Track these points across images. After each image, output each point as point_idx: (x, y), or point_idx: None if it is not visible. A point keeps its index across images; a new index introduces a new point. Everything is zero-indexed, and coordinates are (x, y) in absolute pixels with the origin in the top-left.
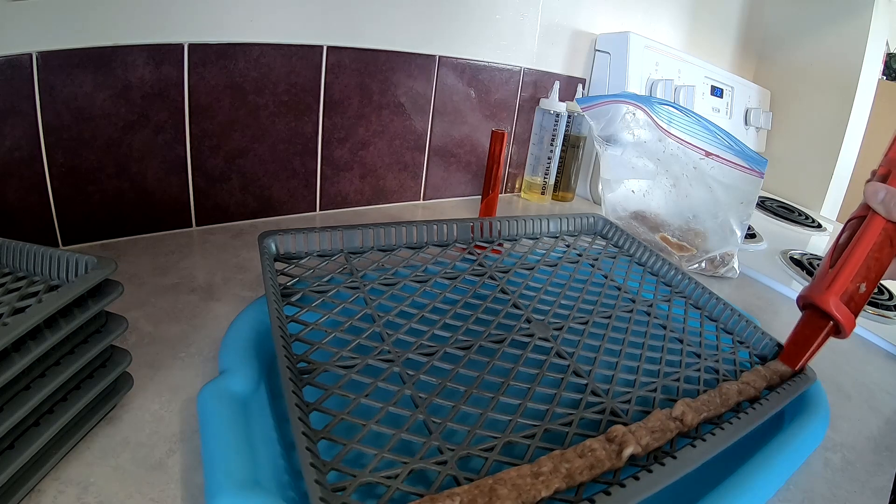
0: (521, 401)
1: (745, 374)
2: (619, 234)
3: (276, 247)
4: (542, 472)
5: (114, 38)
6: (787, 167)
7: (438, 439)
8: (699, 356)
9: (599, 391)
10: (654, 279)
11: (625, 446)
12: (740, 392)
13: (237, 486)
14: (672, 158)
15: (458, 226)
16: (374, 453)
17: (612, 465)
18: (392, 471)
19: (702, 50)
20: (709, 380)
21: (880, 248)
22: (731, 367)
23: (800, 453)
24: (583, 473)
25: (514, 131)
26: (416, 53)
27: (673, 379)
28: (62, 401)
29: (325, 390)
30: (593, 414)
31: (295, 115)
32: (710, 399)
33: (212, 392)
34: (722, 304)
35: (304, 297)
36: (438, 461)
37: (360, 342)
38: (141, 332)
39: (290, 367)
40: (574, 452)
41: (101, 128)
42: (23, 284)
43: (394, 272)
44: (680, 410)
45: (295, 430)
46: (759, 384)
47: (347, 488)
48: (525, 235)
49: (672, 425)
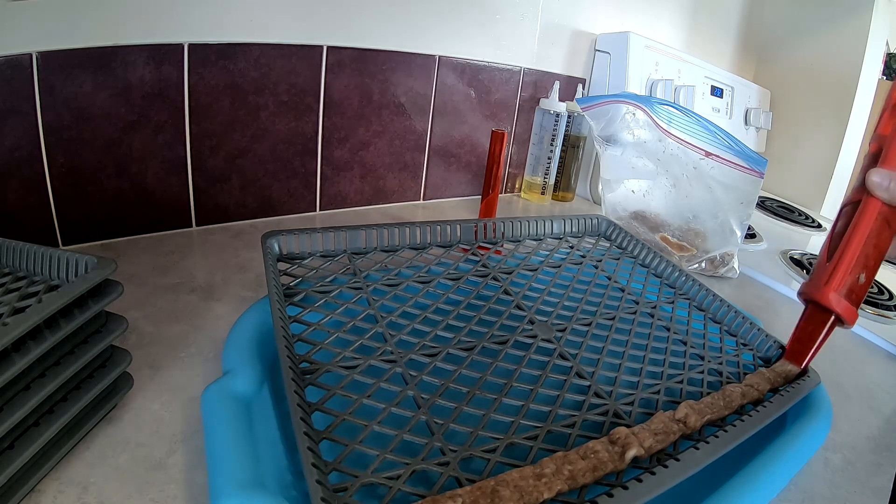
0: (524, 402)
1: (749, 377)
2: (623, 236)
3: (280, 247)
4: (544, 473)
5: (114, 38)
6: (787, 167)
7: (441, 440)
8: (703, 358)
9: (602, 393)
10: (657, 281)
11: (628, 448)
12: (744, 394)
13: (241, 487)
14: (672, 158)
15: (462, 227)
16: (377, 454)
17: (614, 467)
18: (394, 471)
19: (702, 50)
20: (712, 382)
21: (878, 234)
22: (735, 370)
23: (802, 454)
24: (585, 475)
25: (514, 131)
26: (416, 53)
27: (676, 381)
28: (62, 401)
29: (328, 391)
30: (596, 416)
31: (295, 115)
32: (714, 401)
33: (215, 393)
34: (726, 306)
35: (306, 298)
36: (440, 462)
37: (363, 343)
38: (141, 332)
39: (293, 367)
40: (577, 454)
41: (101, 128)
42: (23, 284)
43: (397, 273)
44: (683, 413)
45: (297, 430)
46: (762, 386)
47: (349, 489)
48: (528, 237)
49: (675, 427)
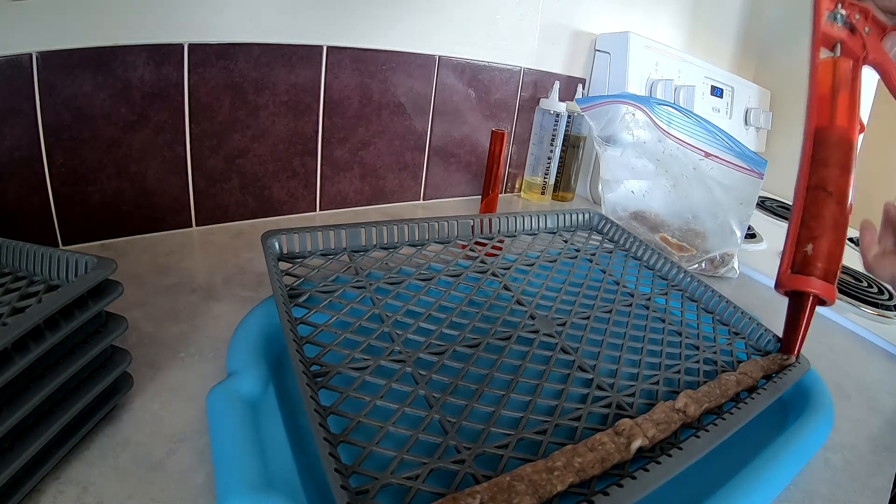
0: (532, 397)
1: (743, 365)
2: (615, 230)
3: (280, 246)
4: (556, 466)
5: (114, 38)
6: (787, 167)
7: (455, 438)
8: (697, 348)
9: (605, 385)
10: (650, 273)
11: (633, 439)
12: (738, 382)
13: (248, 488)
14: (672, 159)
15: (460, 223)
16: (394, 455)
17: (621, 457)
18: (412, 472)
19: (702, 50)
20: (708, 371)
21: (814, 203)
22: (729, 359)
23: (804, 452)
24: (594, 467)
25: (514, 131)
26: (416, 53)
27: (674, 371)
28: (62, 401)
29: (341, 393)
30: (600, 408)
31: (295, 115)
32: (711, 390)
33: (221, 394)
34: (717, 296)
35: (310, 298)
36: (456, 460)
37: (371, 343)
38: (141, 332)
39: (306, 371)
40: (585, 447)
41: (101, 128)
42: (23, 284)
43: (398, 270)
44: (683, 402)
45: (316, 436)
46: (756, 374)
47: (370, 491)
48: (523, 231)
49: (676, 417)
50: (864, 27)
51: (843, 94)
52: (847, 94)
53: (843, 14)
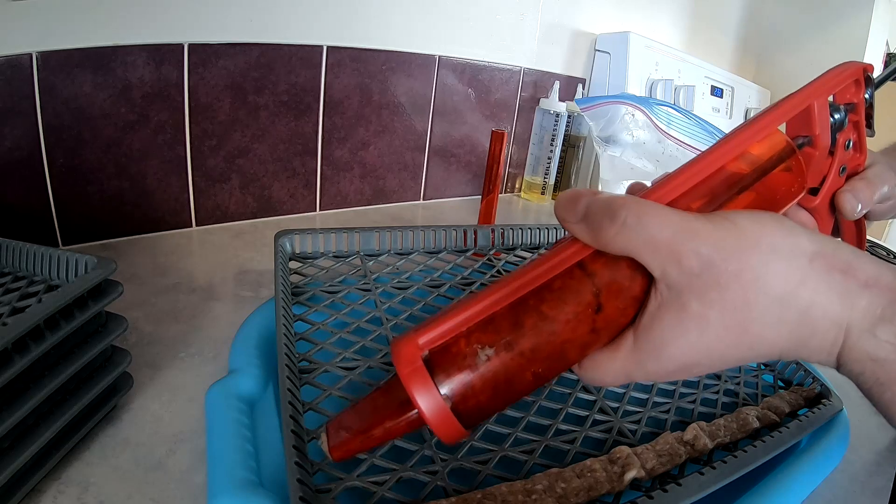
0: (524, 414)
1: (768, 399)
2: None
3: (292, 246)
4: (535, 489)
5: (114, 38)
6: None
7: (432, 447)
8: (719, 378)
9: (608, 409)
10: None
11: (628, 469)
12: (760, 418)
13: (238, 486)
14: (671, 160)
15: (480, 232)
16: (364, 457)
17: (611, 487)
18: (381, 476)
19: (702, 50)
20: (727, 403)
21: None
22: (753, 391)
23: (816, 476)
24: (579, 495)
25: (514, 131)
26: (416, 53)
27: (689, 401)
28: (62, 401)
29: (324, 390)
30: (599, 432)
31: (295, 115)
32: (727, 424)
33: (219, 391)
34: None
35: (314, 297)
36: (429, 471)
37: (365, 344)
38: (141, 332)
39: (290, 364)
40: (572, 472)
41: (101, 128)
42: (23, 284)
43: (408, 276)
44: (692, 434)
45: (285, 427)
46: (781, 410)
47: (332, 490)
48: (547, 246)
49: (682, 449)
50: (846, 143)
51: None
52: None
53: (841, 115)
